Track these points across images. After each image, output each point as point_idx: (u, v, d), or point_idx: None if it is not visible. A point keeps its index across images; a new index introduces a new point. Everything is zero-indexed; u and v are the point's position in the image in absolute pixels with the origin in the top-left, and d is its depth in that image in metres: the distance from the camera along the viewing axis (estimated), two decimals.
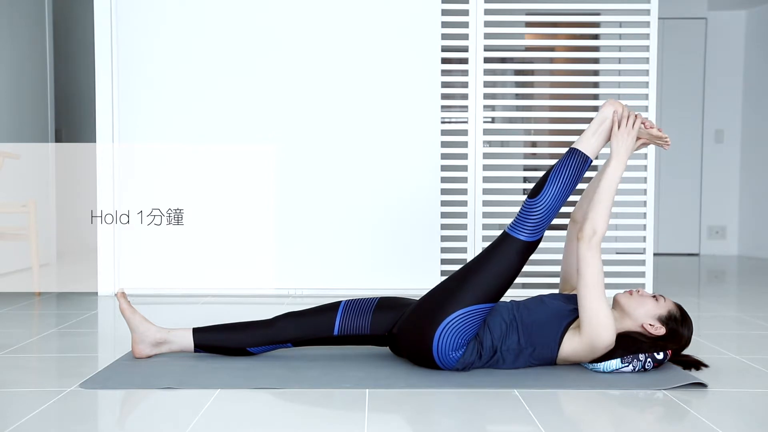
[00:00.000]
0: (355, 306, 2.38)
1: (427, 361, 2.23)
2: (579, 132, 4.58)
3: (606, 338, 2.17)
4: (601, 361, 2.23)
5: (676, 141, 6.27)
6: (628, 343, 2.23)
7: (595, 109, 4.54)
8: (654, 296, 2.30)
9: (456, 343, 2.18)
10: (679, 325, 2.26)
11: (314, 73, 3.80)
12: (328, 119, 3.81)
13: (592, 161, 2.35)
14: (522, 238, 2.22)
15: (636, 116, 2.36)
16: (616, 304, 2.34)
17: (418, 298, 2.42)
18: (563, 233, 4.17)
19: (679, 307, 2.30)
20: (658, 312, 2.26)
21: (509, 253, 2.23)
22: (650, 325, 2.24)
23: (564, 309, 2.27)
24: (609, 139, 2.38)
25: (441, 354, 2.19)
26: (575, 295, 2.37)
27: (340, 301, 2.42)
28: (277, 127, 3.81)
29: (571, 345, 2.22)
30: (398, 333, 2.29)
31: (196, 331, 2.38)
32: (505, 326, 2.24)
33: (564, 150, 3.93)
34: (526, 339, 2.23)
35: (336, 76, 3.81)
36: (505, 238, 2.25)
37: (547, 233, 4.50)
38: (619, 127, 2.33)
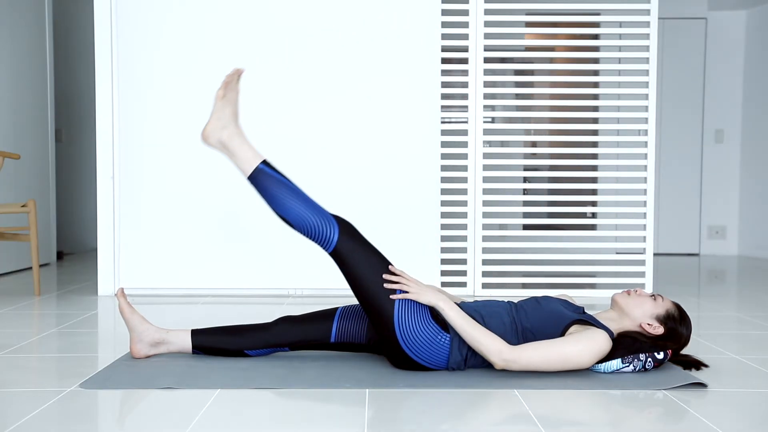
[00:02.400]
0: (352, 312, 2.39)
1: (416, 366, 2.22)
2: (579, 132, 4.60)
3: (600, 350, 2.17)
4: (602, 362, 2.23)
5: (676, 141, 6.28)
6: (628, 343, 2.24)
7: (596, 109, 4.54)
8: (652, 296, 2.31)
9: (426, 340, 2.16)
10: (677, 324, 2.26)
11: (314, 72, 3.80)
12: (328, 119, 3.81)
13: (262, 164, 2.27)
14: (335, 234, 2.21)
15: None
16: (614, 304, 2.34)
17: None
18: (559, 233, 4.17)
19: (678, 306, 2.30)
20: (656, 311, 2.27)
21: (352, 245, 2.23)
22: (648, 324, 2.25)
23: (560, 312, 2.26)
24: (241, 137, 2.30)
25: (421, 357, 2.19)
26: (568, 302, 2.38)
27: (337, 308, 2.42)
28: (277, 126, 3.81)
29: None
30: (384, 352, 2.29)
31: (195, 333, 2.38)
32: (505, 328, 2.24)
33: (564, 150, 3.93)
34: (523, 342, 2.23)
35: (336, 76, 3.81)
36: (336, 246, 2.22)
37: (544, 233, 4.51)
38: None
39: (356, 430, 1.73)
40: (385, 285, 2.17)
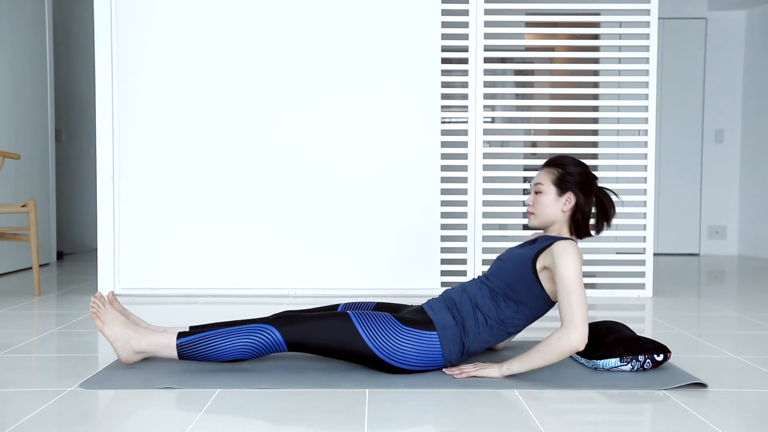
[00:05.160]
0: (354, 308, 2.40)
1: (416, 372, 2.22)
2: (579, 132, 4.59)
3: (579, 256, 2.15)
4: (601, 359, 2.24)
5: (676, 141, 6.28)
6: (629, 343, 2.24)
7: (596, 109, 4.54)
8: (537, 191, 2.28)
9: (416, 350, 2.16)
10: (567, 173, 2.24)
11: (315, 73, 3.80)
12: (328, 119, 3.81)
13: (178, 340, 2.21)
14: (277, 333, 2.17)
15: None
16: (542, 229, 2.32)
17: (415, 303, 2.43)
18: None
19: (554, 163, 2.28)
20: (551, 193, 2.26)
21: (297, 328, 2.19)
22: (564, 207, 2.25)
23: (519, 255, 2.25)
24: None
25: (418, 365, 2.19)
26: (530, 242, 2.34)
27: (339, 304, 2.44)
28: (278, 126, 3.81)
29: (549, 286, 2.20)
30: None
31: (193, 329, 2.38)
32: (490, 299, 2.22)
33: (564, 150, 3.93)
34: (512, 302, 2.20)
35: (336, 77, 3.81)
36: (286, 340, 2.19)
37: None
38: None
39: (356, 430, 1.73)
40: (456, 376, 2.17)
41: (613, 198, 2.34)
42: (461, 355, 2.22)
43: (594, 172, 3.92)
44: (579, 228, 2.29)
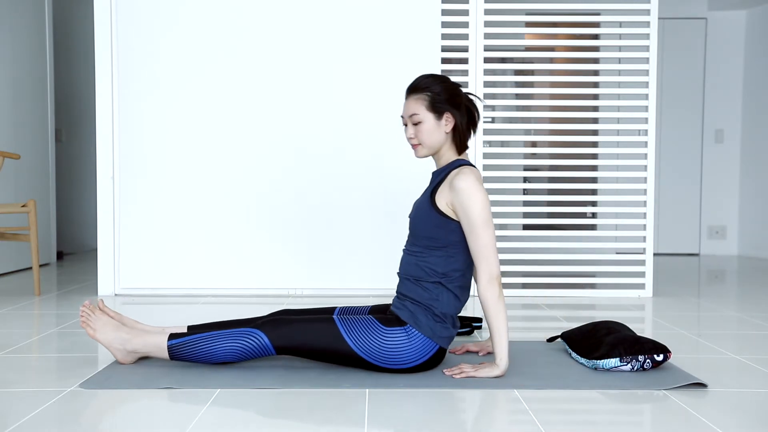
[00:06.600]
0: (350, 311, 2.40)
1: (425, 366, 2.22)
2: (579, 132, 4.59)
3: (478, 180, 2.17)
4: (600, 359, 2.24)
5: (676, 141, 6.28)
6: (629, 343, 2.24)
7: (596, 109, 4.54)
8: (415, 123, 2.23)
9: (405, 348, 2.16)
10: (438, 95, 2.20)
11: (315, 74, 3.80)
12: (329, 119, 3.81)
13: (169, 341, 2.24)
14: (264, 338, 2.18)
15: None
16: (432, 156, 2.29)
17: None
18: (559, 233, 4.17)
19: (418, 88, 2.23)
20: (429, 119, 2.22)
21: (285, 332, 2.20)
22: (446, 128, 2.22)
23: (421, 203, 2.25)
24: None
25: (418, 360, 2.18)
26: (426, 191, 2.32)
27: (335, 307, 2.43)
28: (278, 126, 3.81)
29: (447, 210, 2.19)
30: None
31: (192, 328, 2.38)
32: (419, 268, 2.22)
33: (564, 150, 3.93)
34: (438, 250, 2.20)
35: (337, 78, 3.81)
36: (274, 345, 2.19)
37: (544, 233, 4.48)
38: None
39: (356, 430, 1.73)
40: (455, 376, 2.17)
41: (476, 101, 2.33)
42: (446, 323, 2.20)
43: (594, 173, 3.93)
44: (460, 143, 2.25)
